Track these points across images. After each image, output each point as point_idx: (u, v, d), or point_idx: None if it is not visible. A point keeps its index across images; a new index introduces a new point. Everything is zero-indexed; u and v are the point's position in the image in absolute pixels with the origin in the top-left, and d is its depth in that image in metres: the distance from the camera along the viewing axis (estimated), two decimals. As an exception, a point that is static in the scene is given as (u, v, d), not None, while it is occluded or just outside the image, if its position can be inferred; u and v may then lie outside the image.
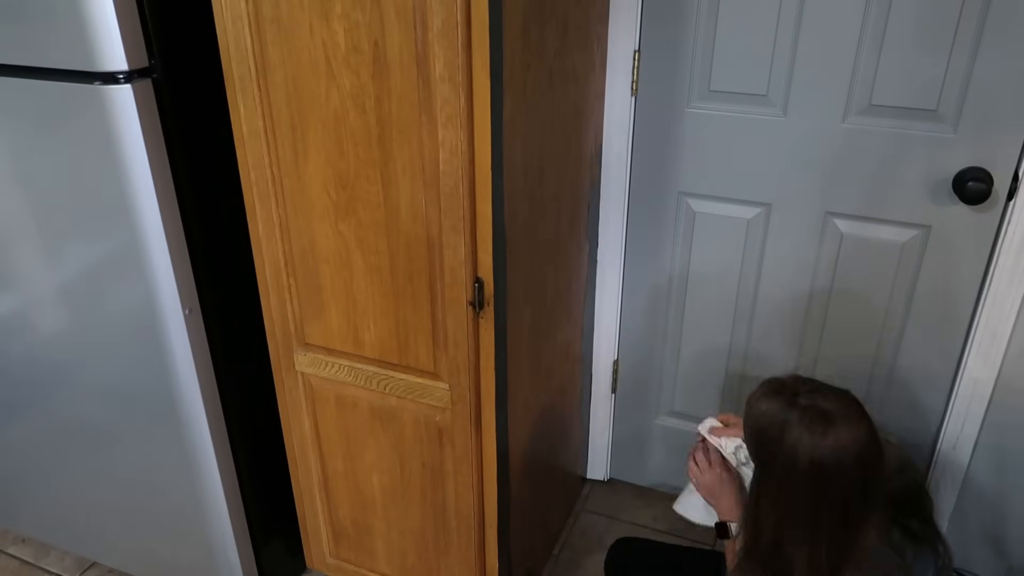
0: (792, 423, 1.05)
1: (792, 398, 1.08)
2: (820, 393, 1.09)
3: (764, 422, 1.09)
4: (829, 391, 1.10)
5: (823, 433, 1.03)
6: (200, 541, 1.65)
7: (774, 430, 1.07)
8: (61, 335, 1.53)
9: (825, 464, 1.03)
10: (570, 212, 1.60)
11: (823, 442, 1.03)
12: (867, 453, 1.04)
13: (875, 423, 1.07)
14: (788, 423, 1.06)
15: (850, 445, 1.03)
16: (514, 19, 1.15)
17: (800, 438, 1.04)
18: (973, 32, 1.37)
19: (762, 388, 1.14)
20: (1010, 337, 1.55)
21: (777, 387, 1.12)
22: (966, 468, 1.70)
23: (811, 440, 1.03)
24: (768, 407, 1.10)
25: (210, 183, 1.38)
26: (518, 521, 1.59)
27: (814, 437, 1.03)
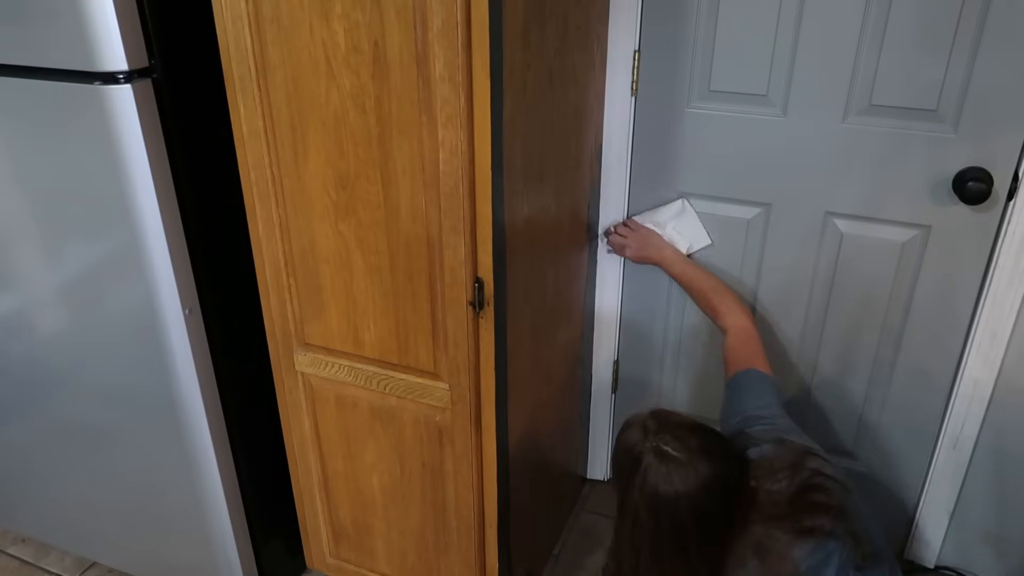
0: (641, 461, 1.11)
1: (643, 436, 1.14)
2: (669, 431, 1.13)
3: (620, 455, 1.16)
4: (684, 428, 1.14)
5: (664, 476, 1.08)
6: (200, 541, 1.65)
7: (626, 464, 1.14)
8: (61, 335, 1.53)
9: (664, 504, 1.08)
10: (570, 212, 1.60)
11: (664, 485, 1.08)
12: (710, 494, 1.08)
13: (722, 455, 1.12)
14: (637, 460, 1.11)
15: (692, 489, 1.07)
16: (514, 19, 1.15)
17: (645, 478, 1.10)
18: (973, 32, 1.37)
19: (629, 420, 1.20)
20: (1010, 337, 1.55)
21: (638, 422, 1.18)
22: (966, 468, 1.70)
23: (653, 481, 1.09)
24: (625, 440, 1.16)
25: (210, 183, 1.38)
26: (518, 521, 1.59)
27: (656, 478, 1.09)
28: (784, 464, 1.18)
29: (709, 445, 1.12)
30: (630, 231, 1.73)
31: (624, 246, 1.74)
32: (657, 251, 1.71)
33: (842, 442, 1.79)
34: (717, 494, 1.09)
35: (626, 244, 1.73)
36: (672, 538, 1.10)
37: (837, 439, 1.79)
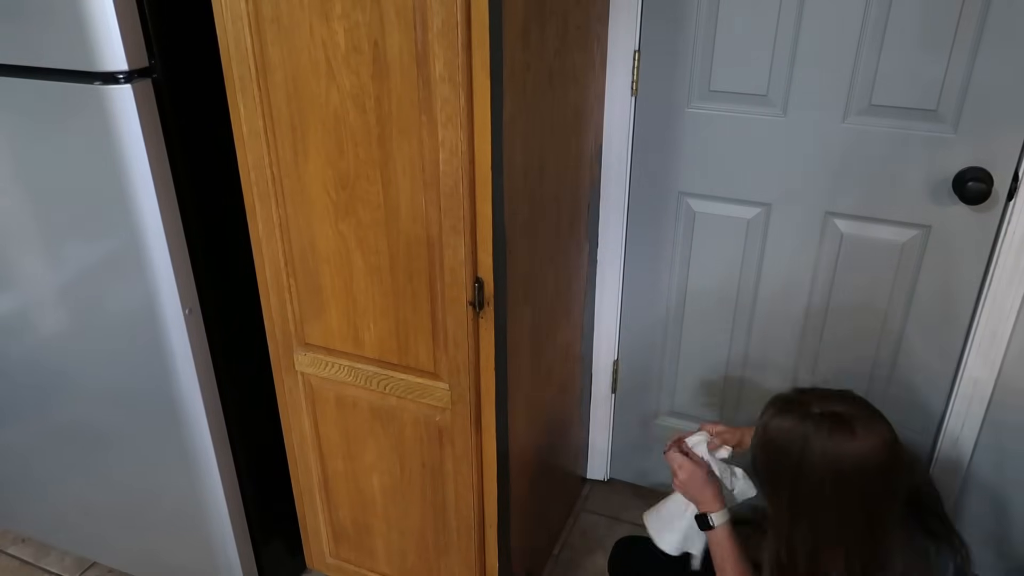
0: (812, 434, 1.06)
1: (805, 410, 1.09)
2: (830, 399, 1.10)
3: (782, 440, 1.09)
4: (836, 395, 1.11)
5: (847, 438, 1.04)
6: (200, 541, 1.65)
7: (795, 446, 1.07)
8: (61, 335, 1.53)
9: (854, 468, 1.03)
10: (570, 212, 1.60)
11: (849, 446, 1.04)
12: (891, 450, 1.05)
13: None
14: (808, 436, 1.06)
15: (875, 445, 1.04)
16: (514, 19, 1.15)
17: (825, 447, 1.04)
18: (973, 32, 1.37)
19: (771, 408, 1.14)
20: (1010, 337, 1.55)
21: (785, 403, 1.13)
22: (966, 468, 1.70)
23: (837, 447, 1.04)
24: (783, 424, 1.10)
25: (210, 183, 1.38)
26: (518, 521, 1.59)
27: (839, 443, 1.04)
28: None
29: (870, 406, 1.09)
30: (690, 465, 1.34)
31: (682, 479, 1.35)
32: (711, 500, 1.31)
33: (842, 442, 1.79)
34: (896, 452, 1.06)
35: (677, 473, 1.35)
36: (862, 504, 1.05)
37: (837, 439, 1.79)
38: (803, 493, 1.08)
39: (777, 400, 1.15)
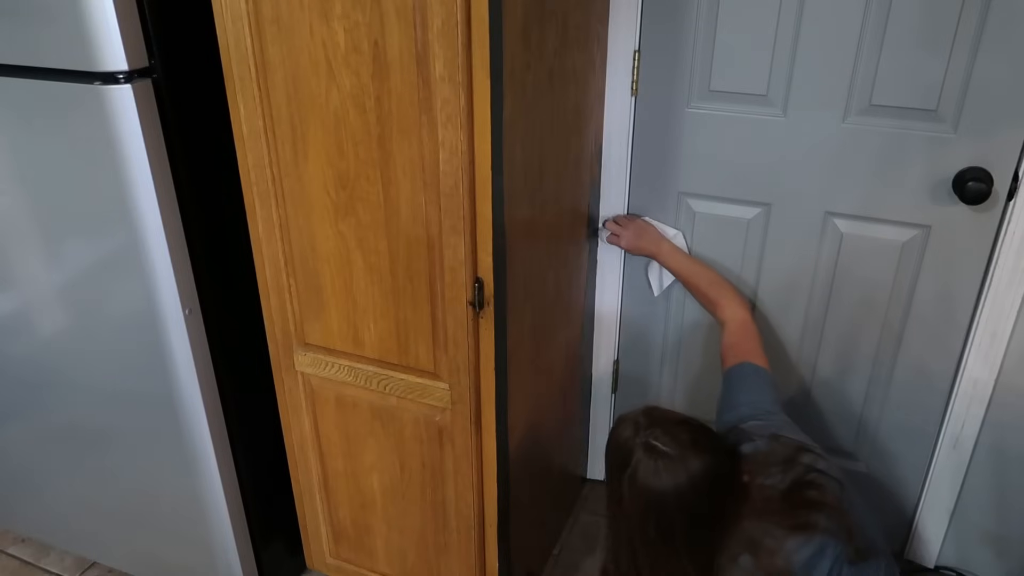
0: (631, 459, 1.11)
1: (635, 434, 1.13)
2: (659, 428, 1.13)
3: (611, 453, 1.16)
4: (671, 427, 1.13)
5: (654, 472, 1.08)
6: (200, 541, 1.65)
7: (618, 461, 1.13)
8: (61, 335, 1.53)
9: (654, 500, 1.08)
10: (570, 212, 1.60)
11: (651, 480, 1.08)
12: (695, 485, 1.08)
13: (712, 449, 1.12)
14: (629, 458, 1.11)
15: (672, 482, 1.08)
16: (514, 19, 1.15)
17: (633, 475, 1.10)
18: (973, 32, 1.37)
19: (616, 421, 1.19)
20: (1010, 337, 1.55)
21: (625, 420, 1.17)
22: (966, 468, 1.70)
23: (642, 477, 1.09)
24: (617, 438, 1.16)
25: (210, 183, 1.38)
26: (518, 521, 1.59)
27: (645, 475, 1.09)
28: (778, 459, 1.18)
29: (699, 440, 1.12)
30: (627, 221, 1.75)
31: (620, 235, 1.75)
32: (654, 243, 1.72)
33: (842, 442, 1.79)
34: (707, 489, 1.09)
35: (621, 234, 1.74)
36: (662, 534, 1.10)
37: (837, 439, 1.79)
38: (619, 505, 1.13)
39: (629, 413, 1.19)
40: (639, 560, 1.13)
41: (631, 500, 1.11)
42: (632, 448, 1.12)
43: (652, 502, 1.09)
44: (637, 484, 1.10)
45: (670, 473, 1.08)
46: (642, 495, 1.09)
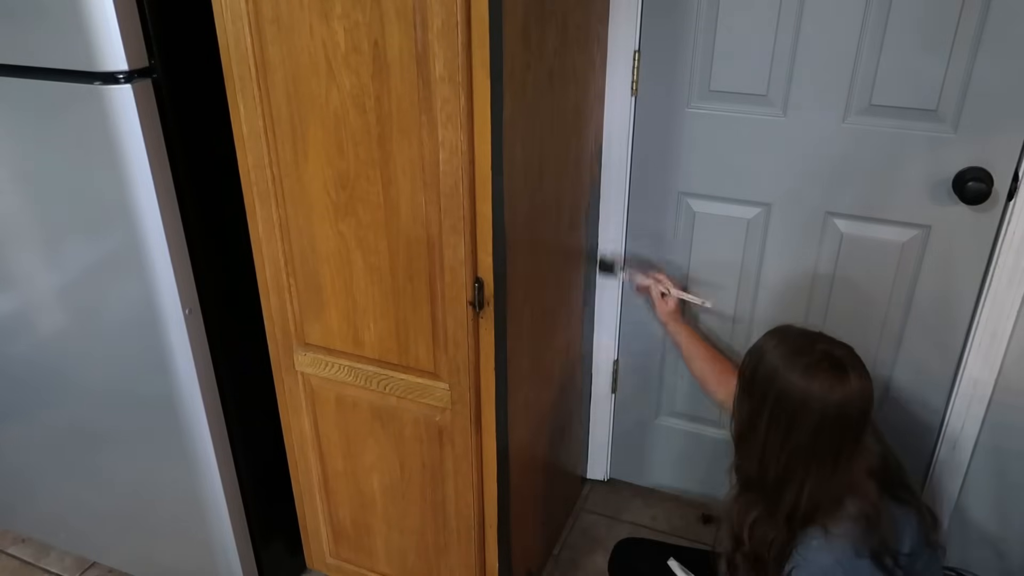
0: (809, 370, 1.14)
1: (806, 345, 1.18)
2: (831, 343, 1.19)
3: (781, 367, 1.17)
4: (837, 342, 1.19)
5: (838, 381, 1.12)
6: (200, 541, 1.65)
7: (792, 376, 1.15)
8: (61, 335, 1.53)
9: (836, 410, 1.12)
10: (570, 212, 1.60)
11: (839, 389, 1.12)
12: (868, 402, 1.14)
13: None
14: (805, 370, 1.14)
15: (861, 393, 1.13)
16: (514, 19, 1.15)
17: (815, 384, 1.12)
18: (973, 32, 1.37)
19: (773, 336, 1.23)
20: (1010, 337, 1.55)
21: (785, 333, 1.22)
22: (966, 468, 1.70)
23: (827, 386, 1.12)
24: (781, 351, 1.18)
25: (210, 183, 1.38)
26: (518, 521, 1.59)
27: (830, 383, 1.12)
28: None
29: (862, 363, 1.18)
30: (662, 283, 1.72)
31: (656, 303, 1.73)
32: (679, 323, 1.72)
33: (842, 442, 1.79)
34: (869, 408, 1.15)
35: (658, 302, 1.73)
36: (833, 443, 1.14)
37: (837, 439, 1.79)
38: (786, 418, 1.15)
39: (778, 331, 1.24)
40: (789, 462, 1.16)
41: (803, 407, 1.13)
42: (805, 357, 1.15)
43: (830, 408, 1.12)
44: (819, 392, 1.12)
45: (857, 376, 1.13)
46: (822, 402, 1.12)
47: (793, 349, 1.18)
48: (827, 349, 1.17)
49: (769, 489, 1.19)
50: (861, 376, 1.14)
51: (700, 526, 1.98)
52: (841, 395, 1.12)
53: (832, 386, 1.12)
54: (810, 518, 1.15)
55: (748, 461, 1.22)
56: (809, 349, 1.17)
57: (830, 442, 1.13)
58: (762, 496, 1.21)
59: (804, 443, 1.14)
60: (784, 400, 1.15)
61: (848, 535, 1.14)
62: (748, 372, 1.23)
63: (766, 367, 1.19)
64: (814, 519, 1.15)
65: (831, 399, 1.12)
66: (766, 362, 1.19)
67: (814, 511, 1.15)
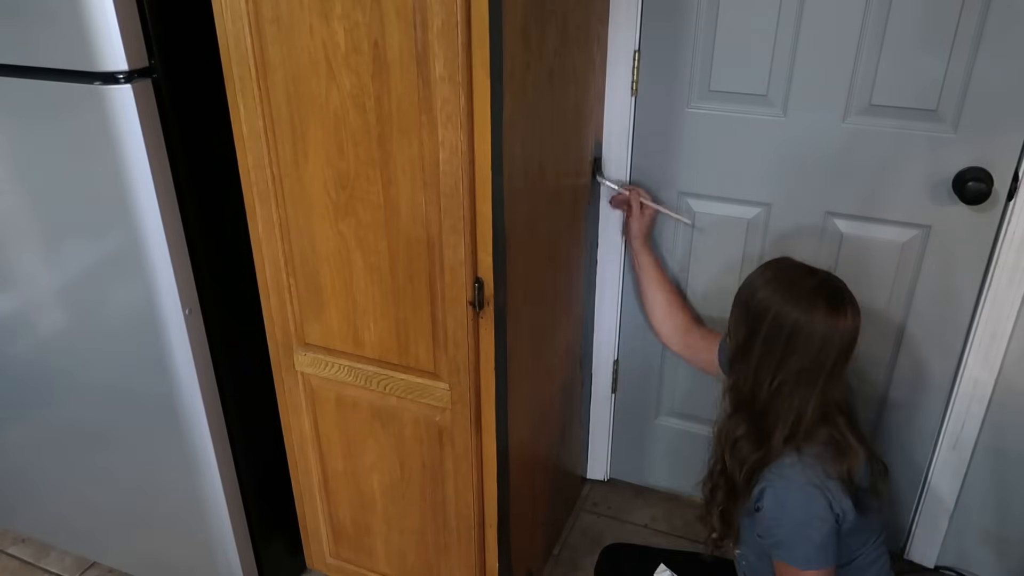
0: (805, 299, 1.20)
1: (802, 276, 1.25)
2: (828, 275, 1.26)
3: (769, 296, 1.23)
4: (833, 275, 1.27)
5: (835, 311, 1.19)
6: (200, 541, 1.65)
7: (785, 304, 1.21)
8: (61, 335, 1.53)
9: (830, 338, 1.19)
10: (570, 212, 1.60)
11: (835, 318, 1.18)
12: (856, 333, 1.21)
13: None
14: (803, 298, 1.20)
15: (851, 323, 1.20)
16: (514, 19, 1.15)
17: (813, 314, 1.19)
18: (973, 32, 1.37)
19: (768, 267, 1.30)
20: (1010, 337, 1.55)
21: (780, 265, 1.30)
22: (966, 468, 1.70)
23: (824, 315, 1.18)
24: (778, 281, 1.25)
25: (210, 183, 1.38)
26: (518, 521, 1.59)
27: (826, 313, 1.18)
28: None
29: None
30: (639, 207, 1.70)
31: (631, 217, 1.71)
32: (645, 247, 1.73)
33: (842, 442, 1.79)
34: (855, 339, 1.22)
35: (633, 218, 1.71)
36: (825, 365, 1.20)
37: (837, 439, 1.79)
38: (783, 343, 1.21)
39: (777, 261, 1.32)
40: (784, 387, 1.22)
41: (797, 333, 1.19)
42: (817, 287, 1.22)
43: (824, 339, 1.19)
44: (819, 321, 1.19)
45: (853, 313, 1.21)
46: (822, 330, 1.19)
47: (790, 279, 1.24)
48: (825, 279, 1.24)
49: (757, 409, 1.25)
50: (854, 308, 1.21)
51: (699, 525, 1.98)
52: (836, 324, 1.18)
53: (828, 315, 1.18)
54: (788, 439, 1.22)
55: (742, 381, 1.28)
56: (806, 280, 1.24)
57: (818, 368, 1.20)
58: (748, 416, 1.27)
59: (796, 368, 1.20)
60: (780, 327, 1.21)
61: (820, 457, 1.21)
62: (744, 297, 1.28)
63: (762, 294, 1.25)
64: (791, 440, 1.22)
65: (828, 328, 1.18)
66: (762, 290, 1.25)
67: (793, 433, 1.22)
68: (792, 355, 1.20)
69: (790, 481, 1.21)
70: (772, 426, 1.23)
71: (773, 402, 1.23)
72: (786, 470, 1.22)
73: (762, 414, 1.25)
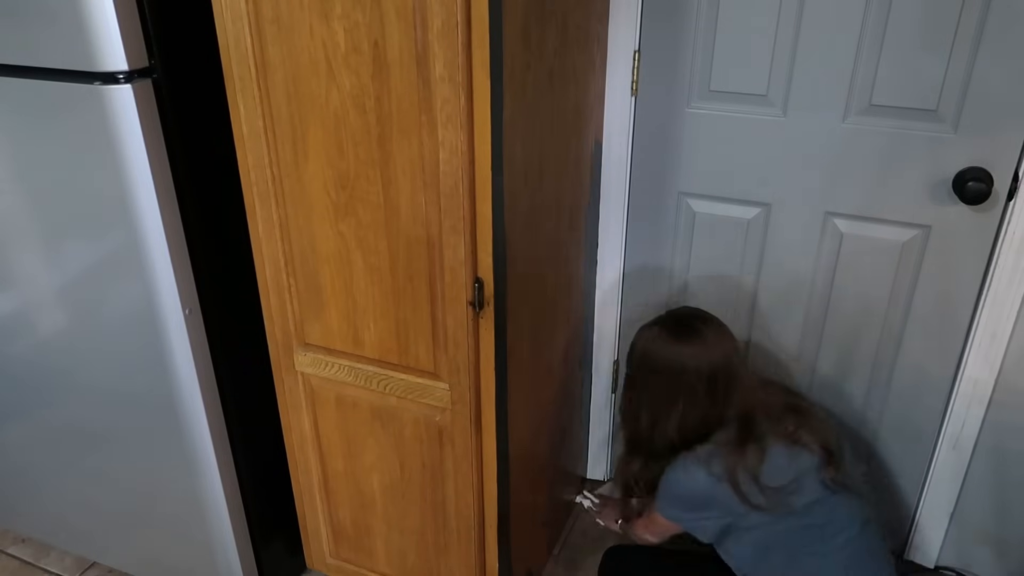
0: (654, 333, 1.45)
1: (657, 320, 1.48)
2: (677, 310, 1.54)
3: (635, 341, 1.48)
4: (685, 308, 1.55)
5: (678, 336, 1.42)
6: (200, 541, 1.65)
7: (641, 343, 1.46)
8: (61, 335, 1.53)
9: (679, 358, 1.40)
10: (570, 212, 1.60)
11: (680, 342, 1.41)
12: (712, 349, 1.40)
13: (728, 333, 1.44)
14: (653, 335, 1.45)
15: (702, 342, 1.40)
16: (514, 19, 1.15)
17: (660, 343, 1.42)
18: (973, 32, 1.37)
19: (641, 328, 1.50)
20: (1010, 337, 1.55)
21: (648, 323, 1.50)
22: (966, 468, 1.70)
23: (669, 342, 1.42)
24: (640, 331, 1.49)
25: (210, 183, 1.38)
26: (518, 521, 1.59)
27: (670, 339, 1.42)
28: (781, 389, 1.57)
29: (709, 317, 1.48)
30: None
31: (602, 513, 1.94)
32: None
33: (842, 442, 1.79)
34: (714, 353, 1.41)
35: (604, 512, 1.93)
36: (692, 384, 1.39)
37: (837, 439, 1.79)
38: (647, 378, 1.45)
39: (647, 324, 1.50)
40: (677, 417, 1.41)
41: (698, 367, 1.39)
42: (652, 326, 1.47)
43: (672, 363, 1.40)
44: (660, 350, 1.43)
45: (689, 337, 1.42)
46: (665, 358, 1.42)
47: (647, 326, 1.47)
48: (673, 314, 1.51)
49: (645, 438, 1.45)
50: (704, 330, 1.42)
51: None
52: (682, 347, 1.40)
53: (672, 341, 1.41)
54: (682, 447, 1.40)
55: (628, 424, 1.51)
56: (656, 321, 1.47)
57: (683, 385, 1.38)
58: (641, 448, 1.48)
59: (663, 391, 1.41)
60: (644, 365, 1.45)
61: (707, 455, 1.36)
62: (628, 365, 1.52)
63: (631, 349, 1.50)
64: (685, 448, 1.39)
65: (675, 351, 1.40)
66: (631, 345, 1.49)
67: (683, 442, 1.40)
68: (655, 382, 1.43)
69: (675, 471, 1.40)
70: (664, 441, 1.43)
71: (655, 425, 1.43)
72: (677, 462, 1.40)
73: (650, 440, 1.45)
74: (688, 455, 1.38)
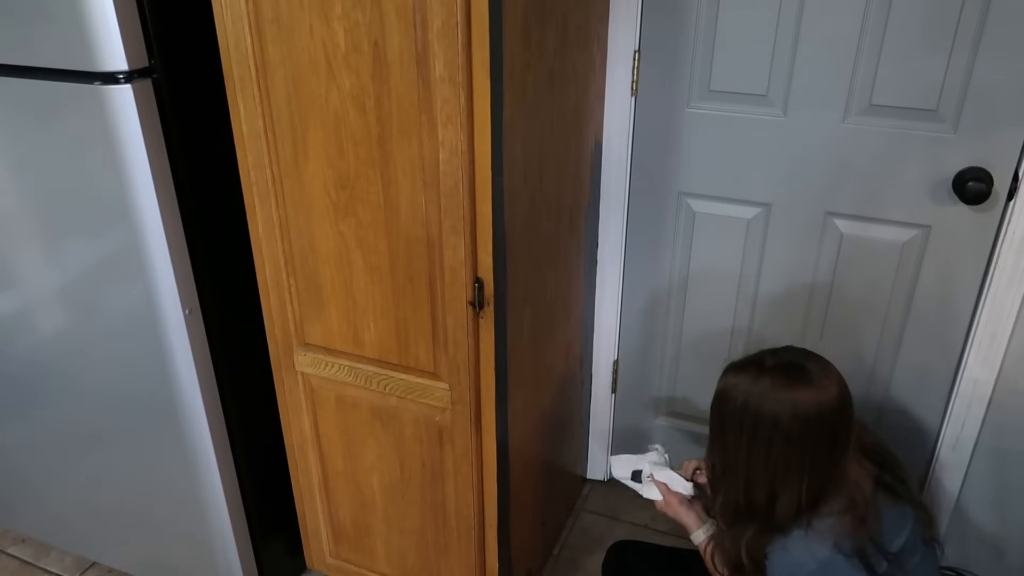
0: (766, 388, 1.15)
1: (759, 366, 1.19)
2: (777, 353, 1.20)
3: (737, 395, 1.18)
4: (785, 350, 1.21)
5: (793, 387, 1.14)
6: (200, 541, 1.65)
7: (750, 399, 1.16)
8: (61, 335, 1.53)
9: (802, 414, 1.13)
10: (570, 212, 1.60)
11: (803, 393, 1.14)
12: (834, 399, 1.15)
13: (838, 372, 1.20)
14: (763, 389, 1.16)
15: (816, 393, 1.14)
16: (514, 19, 1.15)
17: (780, 395, 1.14)
18: (973, 32, 1.37)
19: (729, 371, 1.23)
20: (1010, 337, 1.55)
21: (741, 363, 1.22)
22: (966, 468, 1.70)
23: (785, 394, 1.14)
24: (738, 381, 1.19)
25: (210, 183, 1.38)
26: (518, 521, 1.59)
27: (786, 391, 1.14)
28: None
29: (820, 357, 1.22)
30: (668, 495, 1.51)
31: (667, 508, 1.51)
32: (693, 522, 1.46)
33: (842, 442, 1.79)
34: (847, 400, 1.18)
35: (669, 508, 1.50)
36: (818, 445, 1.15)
37: (837, 439, 1.79)
38: (761, 438, 1.16)
39: (733, 363, 1.24)
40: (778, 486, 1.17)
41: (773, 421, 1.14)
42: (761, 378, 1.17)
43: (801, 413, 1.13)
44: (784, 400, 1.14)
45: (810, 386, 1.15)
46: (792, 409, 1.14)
47: (749, 377, 1.19)
48: (779, 361, 1.18)
49: (759, 510, 1.19)
50: (820, 376, 1.16)
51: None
52: (801, 399, 1.14)
53: (790, 392, 1.14)
54: (797, 518, 1.17)
55: (733, 493, 1.22)
56: (760, 368, 1.18)
57: (806, 447, 1.15)
58: (752, 518, 1.21)
59: (783, 455, 1.15)
60: (753, 423, 1.16)
61: (830, 530, 1.15)
62: (716, 415, 1.24)
63: (731, 402, 1.20)
64: (799, 518, 1.17)
65: (795, 406, 1.13)
66: (729, 398, 1.20)
67: (800, 512, 1.17)
68: (773, 445, 1.15)
69: (790, 553, 1.17)
70: (783, 515, 1.18)
71: (775, 496, 1.17)
72: (790, 542, 1.17)
73: (768, 511, 1.19)
74: (809, 532, 1.16)
